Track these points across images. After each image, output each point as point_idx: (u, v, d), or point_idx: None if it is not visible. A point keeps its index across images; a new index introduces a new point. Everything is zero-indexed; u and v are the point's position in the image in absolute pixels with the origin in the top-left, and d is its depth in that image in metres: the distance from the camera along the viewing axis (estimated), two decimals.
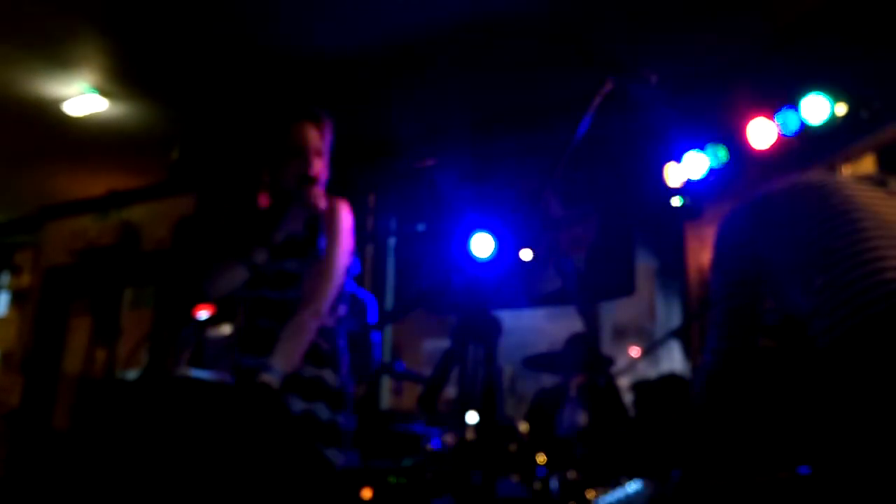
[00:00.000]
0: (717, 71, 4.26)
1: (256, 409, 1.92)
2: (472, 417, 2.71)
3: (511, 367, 3.83)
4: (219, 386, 2.09)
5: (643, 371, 5.07)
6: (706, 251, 4.38)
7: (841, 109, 3.83)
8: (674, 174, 4.34)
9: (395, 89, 4.77)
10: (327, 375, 2.13)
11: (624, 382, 4.31)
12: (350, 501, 2.85)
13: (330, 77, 4.62)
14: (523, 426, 2.86)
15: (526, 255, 4.99)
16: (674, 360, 5.28)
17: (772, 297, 1.32)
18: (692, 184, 4.29)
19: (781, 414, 1.26)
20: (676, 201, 4.35)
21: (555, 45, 4.25)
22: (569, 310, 5.42)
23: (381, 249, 5.60)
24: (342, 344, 2.23)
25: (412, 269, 5.31)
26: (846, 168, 3.92)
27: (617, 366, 4.10)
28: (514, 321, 5.16)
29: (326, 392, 2.11)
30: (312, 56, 4.45)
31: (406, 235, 5.29)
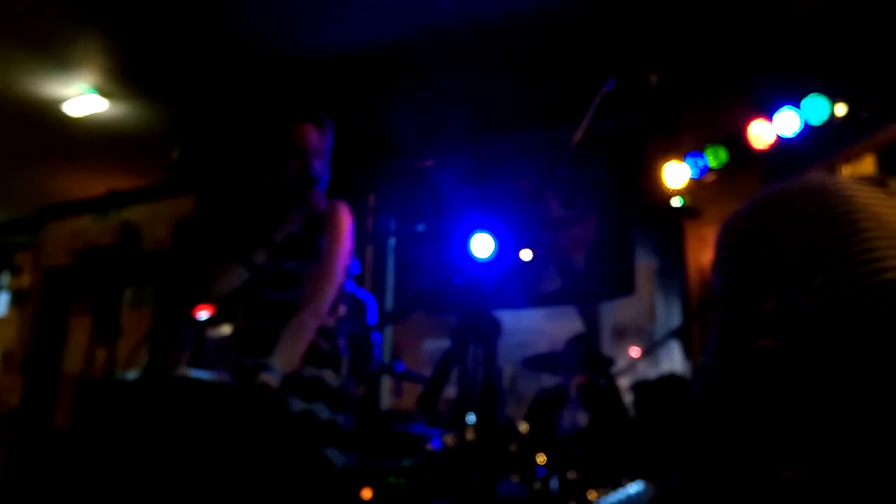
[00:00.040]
0: (718, 71, 4.26)
1: (256, 409, 1.92)
2: (473, 417, 2.71)
3: (511, 368, 3.83)
4: (219, 386, 2.09)
5: (643, 371, 5.07)
6: (706, 251, 4.38)
7: (841, 109, 3.84)
8: (674, 174, 4.35)
9: (395, 89, 4.77)
10: (327, 375, 2.13)
11: (624, 382, 4.31)
12: (350, 501, 2.85)
13: (330, 77, 4.63)
14: (523, 426, 2.86)
15: (526, 255, 4.99)
16: (674, 360, 5.28)
17: (772, 298, 1.32)
18: (692, 184, 4.30)
19: (781, 414, 1.26)
20: (676, 201, 4.35)
21: (555, 46, 4.26)
22: (569, 310, 5.43)
23: (381, 249, 5.60)
24: (342, 344, 2.23)
25: (412, 269, 5.31)
26: (846, 168, 3.92)
27: (617, 366, 4.10)
28: (514, 321, 5.16)
29: (326, 392, 2.11)
30: (313, 56, 4.45)
31: (406, 235, 5.29)
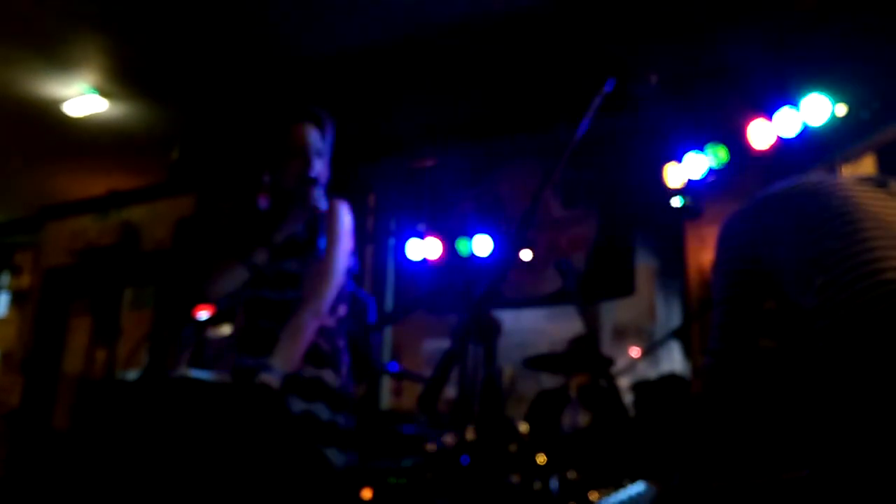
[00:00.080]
0: (717, 71, 4.26)
1: (256, 410, 1.92)
2: (473, 418, 2.71)
3: (511, 368, 3.83)
4: (219, 386, 2.09)
5: (643, 371, 5.07)
6: (706, 251, 4.38)
7: (841, 109, 3.83)
8: (674, 174, 4.35)
9: (396, 89, 4.77)
10: (327, 375, 2.13)
11: (624, 383, 4.31)
12: (350, 501, 2.85)
13: (330, 77, 4.63)
14: (523, 426, 2.85)
15: (526, 255, 4.99)
16: (674, 360, 5.28)
17: (772, 298, 1.32)
18: (692, 183, 4.30)
19: (782, 415, 1.26)
20: (676, 201, 4.35)
21: (555, 46, 4.26)
22: (569, 310, 5.42)
23: (381, 249, 5.60)
24: (342, 344, 2.22)
25: (412, 270, 5.32)
26: (846, 168, 3.92)
27: (617, 366, 4.10)
28: (514, 321, 5.16)
29: (326, 392, 2.11)
30: (313, 56, 4.45)
31: (406, 235, 5.29)
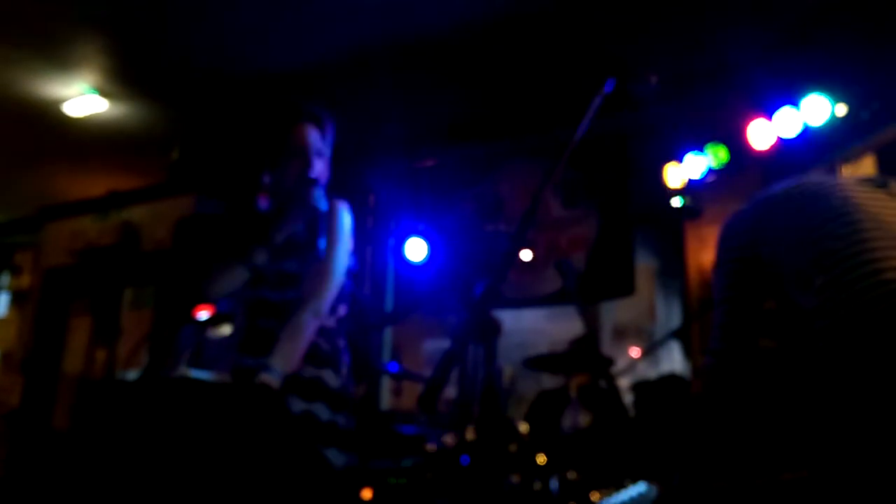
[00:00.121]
0: (717, 71, 4.26)
1: (256, 410, 1.92)
2: (473, 418, 2.71)
3: (511, 368, 3.83)
4: (219, 386, 2.09)
5: (643, 371, 5.07)
6: (706, 251, 4.38)
7: (841, 110, 3.83)
8: (674, 174, 4.35)
9: (396, 90, 4.77)
10: (327, 376, 2.13)
11: (624, 383, 4.31)
12: (350, 501, 2.85)
13: (329, 77, 4.62)
14: (523, 426, 2.86)
15: (526, 255, 4.99)
16: (674, 360, 5.28)
17: (772, 298, 1.32)
18: (692, 183, 4.30)
19: (782, 415, 1.26)
20: (676, 201, 4.35)
21: (555, 46, 4.26)
22: (569, 310, 5.42)
23: (381, 249, 5.60)
24: (342, 344, 2.22)
25: (412, 269, 5.32)
26: (846, 169, 3.92)
27: (617, 366, 4.10)
28: (514, 321, 5.16)
29: (326, 392, 2.11)
30: (313, 55, 4.45)
31: (406, 235, 5.29)
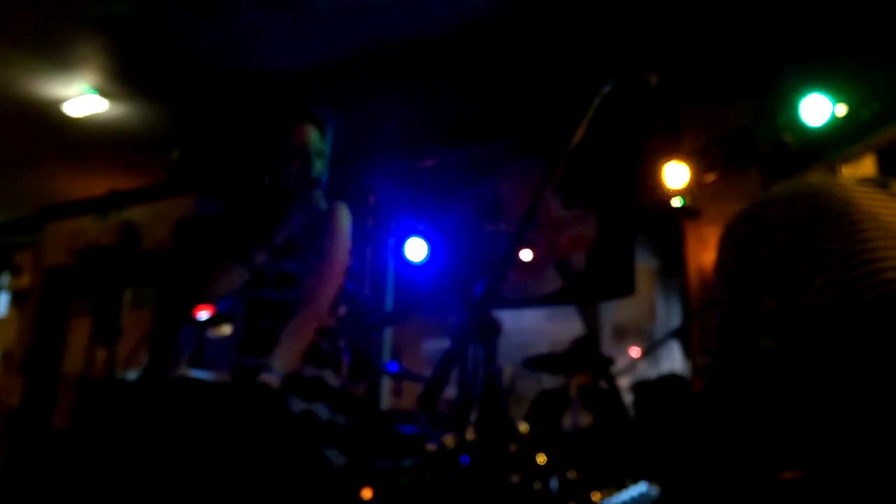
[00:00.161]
0: (717, 70, 4.26)
1: (256, 409, 1.92)
2: (473, 417, 2.71)
3: (511, 367, 3.83)
4: (219, 386, 2.09)
5: (643, 371, 5.07)
6: (706, 251, 4.38)
7: (841, 110, 3.83)
8: (674, 174, 4.35)
9: (396, 90, 4.77)
10: (327, 375, 2.13)
11: (624, 383, 4.31)
12: (350, 501, 2.85)
13: (329, 77, 4.62)
14: (523, 426, 2.86)
15: (526, 255, 4.99)
16: (674, 360, 5.28)
17: (773, 298, 1.32)
18: (692, 184, 4.30)
19: (782, 414, 1.26)
20: (676, 201, 4.35)
21: (555, 46, 4.26)
22: (569, 310, 5.43)
23: (381, 249, 5.60)
24: (342, 344, 2.23)
25: (412, 270, 5.32)
26: (846, 169, 3.92)
27: (617, 366, 4.10)
28: (514, 321, 5.16)
29: (326, 392, 2.11)
30: (313, 55, 4.45)
31: (406, 235, 5.29)
